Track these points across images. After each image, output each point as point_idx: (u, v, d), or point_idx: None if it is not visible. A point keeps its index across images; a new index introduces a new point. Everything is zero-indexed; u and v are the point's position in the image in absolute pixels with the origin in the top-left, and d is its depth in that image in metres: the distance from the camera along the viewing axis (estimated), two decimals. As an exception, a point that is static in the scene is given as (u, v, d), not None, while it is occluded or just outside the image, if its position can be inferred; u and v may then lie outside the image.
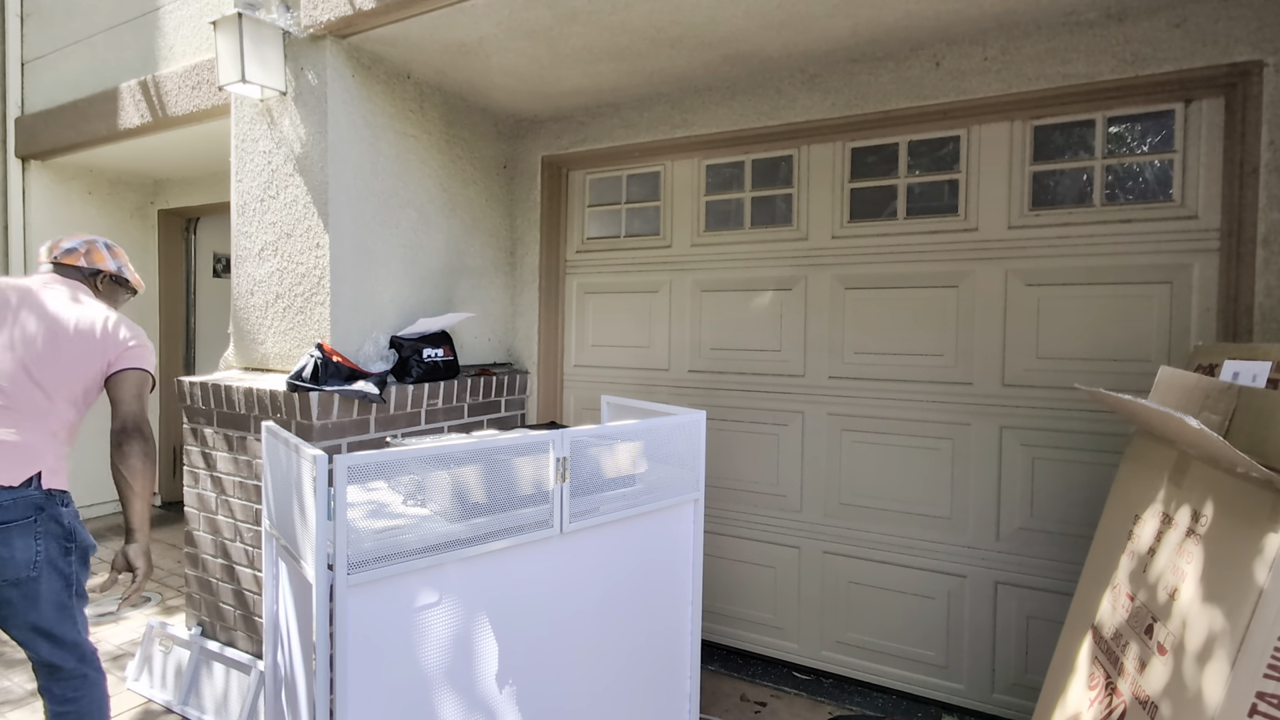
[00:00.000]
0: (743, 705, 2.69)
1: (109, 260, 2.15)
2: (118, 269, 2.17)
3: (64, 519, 1.87)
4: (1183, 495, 1.57)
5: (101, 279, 2.13)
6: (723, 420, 3.07)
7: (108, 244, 2.18)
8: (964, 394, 2.61)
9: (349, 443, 2.52)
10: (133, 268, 2.28)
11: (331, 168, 2.61)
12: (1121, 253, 2.37)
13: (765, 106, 2.84)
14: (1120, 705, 1.50)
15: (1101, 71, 2.27)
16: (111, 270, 2.15)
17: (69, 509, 1.90)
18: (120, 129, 3.70)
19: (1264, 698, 1.18)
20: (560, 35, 2.49)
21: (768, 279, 2.99)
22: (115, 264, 2.17)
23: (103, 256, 2.14)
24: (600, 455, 1.98)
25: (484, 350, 3.39)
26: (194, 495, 2.79)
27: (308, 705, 1.60)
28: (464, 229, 3.24)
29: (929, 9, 2.25)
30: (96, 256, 2.12)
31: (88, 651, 1.95)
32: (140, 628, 3.27)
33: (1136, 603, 1.58)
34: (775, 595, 2.99)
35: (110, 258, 2.16)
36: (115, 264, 2.17)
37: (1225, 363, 1.74)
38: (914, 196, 2.71)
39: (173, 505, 5.20)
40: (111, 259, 2.16)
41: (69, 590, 1.89)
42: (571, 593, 1.89)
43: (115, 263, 2.17)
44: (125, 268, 2.21)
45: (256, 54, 2.58)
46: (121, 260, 2.21)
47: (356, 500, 1.77)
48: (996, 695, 2.58)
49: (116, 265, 2.17)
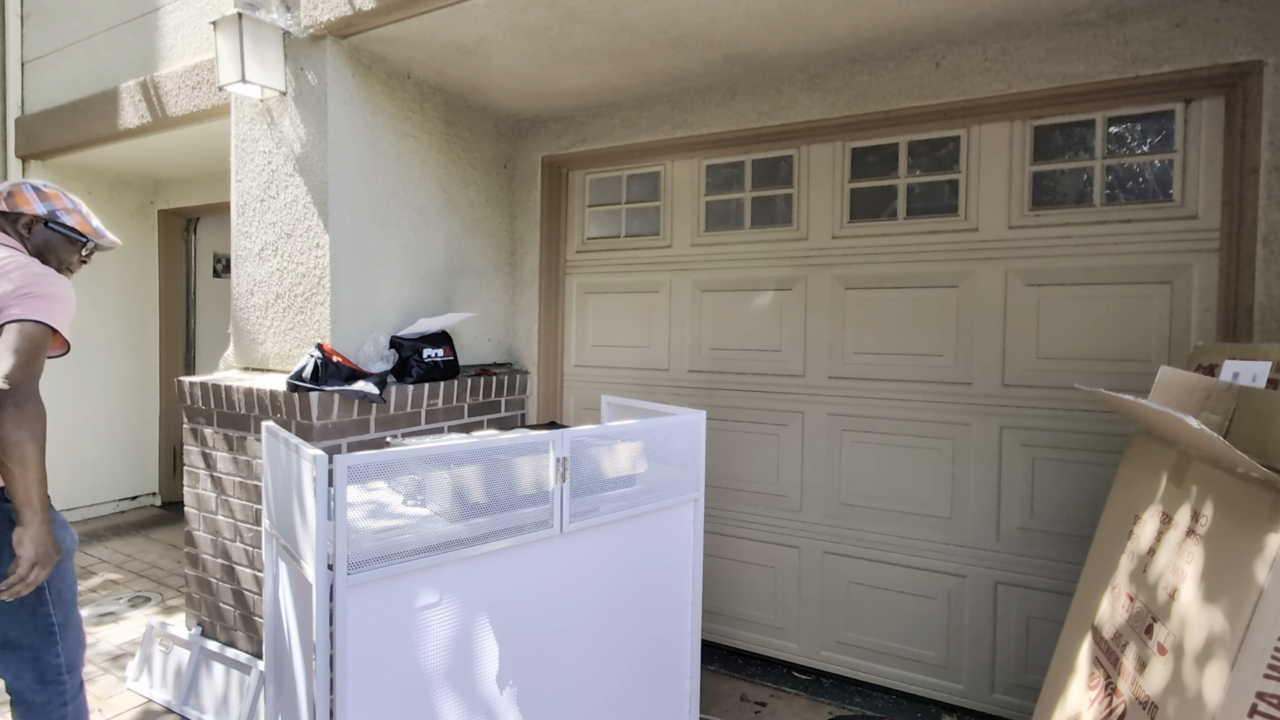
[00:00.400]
0: (743, 705, 2.69)
1: (37, 204, 1.83)
2: (49, 212, 1.83)
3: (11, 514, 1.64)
4: (1183, 495, 1.56)
5: (24, 223, 1.82)
6: (723, 420, 3.07)
7: (36, 186, 1.86)
8: (964, 394, 2.61)
9: (349, 443, 2.52)
10: (90, 216, 1.96)
11: (331, 168, 2.61)
12: (1121, 253, 2.37)
13: (765, 106, 2.84)
14: (1120, 705, 1.50)
15: (1101, 71, 2.27)
16: (39, 214, 1.82)
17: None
18: (120, 129, 3.70)
19: (1264, 698, 1.18)
20: (560, 35, 2.49)
21: (768, 279, 2.99)
22: (46, 207, 1.83)
23: (27, 199, 1.83)
24: (600, 455, 1.98)
25: (484, 350, 3.39)
26: (194, 495, 2.79)
27: (308, 705, 1.60)
28: (464, 229, 3.24)
29: (929, 9, 2.25)
30: (19, 199, 1.82)
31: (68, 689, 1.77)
32: (140, 628, 3.27)
33: (1136, 603, 1.58)
34: (775, 595, 2.99)
35: (38, 200, 1.84)
36: (46, 207, 1.83)
37: (1225, 363, 1.74)
38: (914, 196, 2.71)
39: (173, 505, 5.20)
40: (40, 202, 1.84)
41: (39, 596, 1.71)
42: (571, 593, 1.89)
43: (46, 205, 1.83)
44: (63, 212, 1.87)
45: (256, 54, 2.58)
46: (57, 204, 1.87)
47: (356, 500, 1.77)
48: (996, 695, 2.58)
49: (48, 208, 1.83)
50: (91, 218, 1.96)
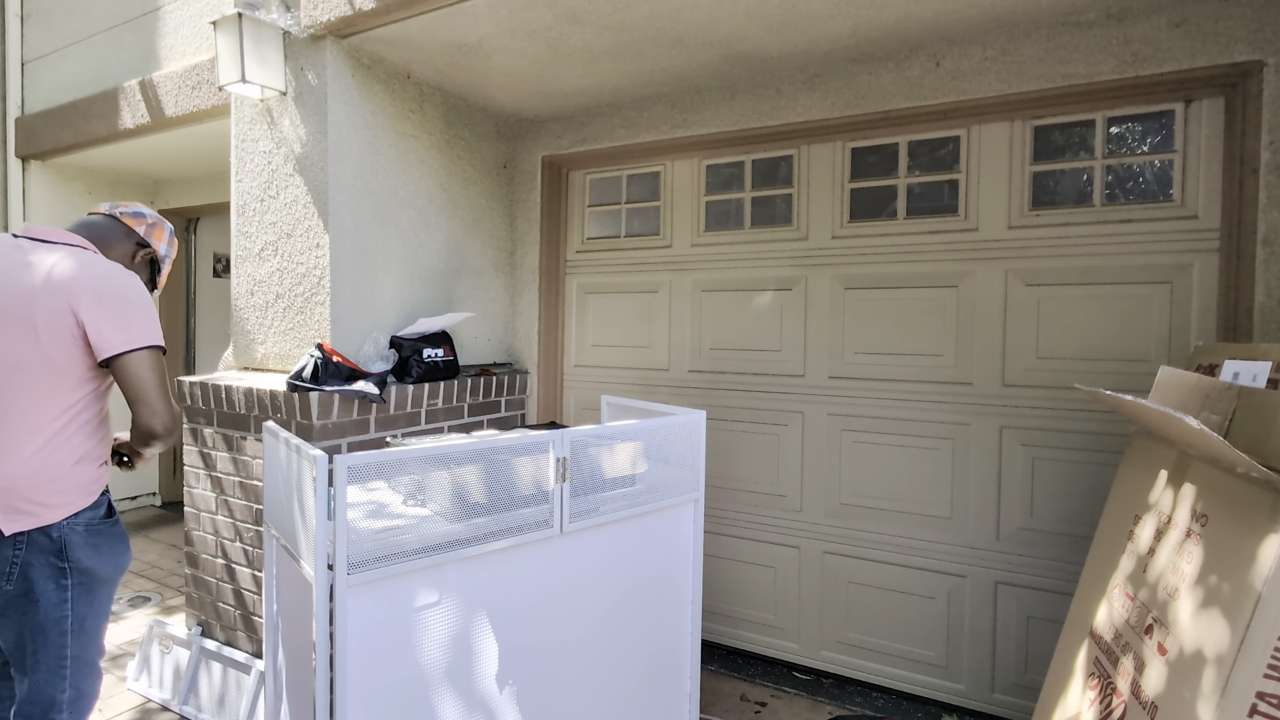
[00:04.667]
0: (743, 705, 2.69)
1: (163, 247, 1.93)
2: (163, 256, 1.95)
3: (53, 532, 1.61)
4: (1183, 495, 1.56)
5: (143, 256, 1.90)
6: (723, 420, 3.07)
7: (172, 230, 1.99)
8: (964, 394, 2.61)
9: (349, 443, 2.52)
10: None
11: (331, 168, 2.61)
12: (1121, 253, 2.37)
13: (765, 106, 2.84)
14: (1120, 705, 1.50)
15: (1101, 71, 2.27)
16: (158, 254, 1.92)
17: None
18: (120, 129, 3.70)
19: (1264, 698, 1.18)
20: (560, 35, 2.49)
21: (768, 279, 2.99)
22: (164, 250, 1.94)
23: (162, 236, 1.92)
24: (600, 455, 1.98)
25: (484, 350, 3.39)
26: (194, 495, 2.79)
27: (308, 705, 1.60)
28: (464, 229, 3.24)
29: (929, 9, 2.25)
30: (156, 234, 1.91)
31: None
32: (140, 627, 3.27)
33: (1136, 603, 1.58)
34: (775, 595, 2.99)
35: (168, 245, 1.95)
36: (164, 250, 1.94)
37: (1225, 363, 1.74)
38: (914, 196, 2.71)
39: (173, 505, 5.20)
40: (167, 246, 1.95)
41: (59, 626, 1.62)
42: (571, 593, 1.89)
43: (165, 249, 1.95)
44: (167, 260, 1.98)
45: (256, 54, 2.58)
46: (172, 252, 1.99)
47: (356, 500, 1.77)
48: (996, 695, 2.58)
49: (165, 252, 1.95)
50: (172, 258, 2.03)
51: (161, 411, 1.64)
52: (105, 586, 1.70)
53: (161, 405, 1.63)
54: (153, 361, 1.64)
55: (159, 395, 1.63)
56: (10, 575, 1.56)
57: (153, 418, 1.63)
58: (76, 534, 1.62)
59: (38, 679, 1.62)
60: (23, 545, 1.57)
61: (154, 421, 1.63)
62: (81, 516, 1.64)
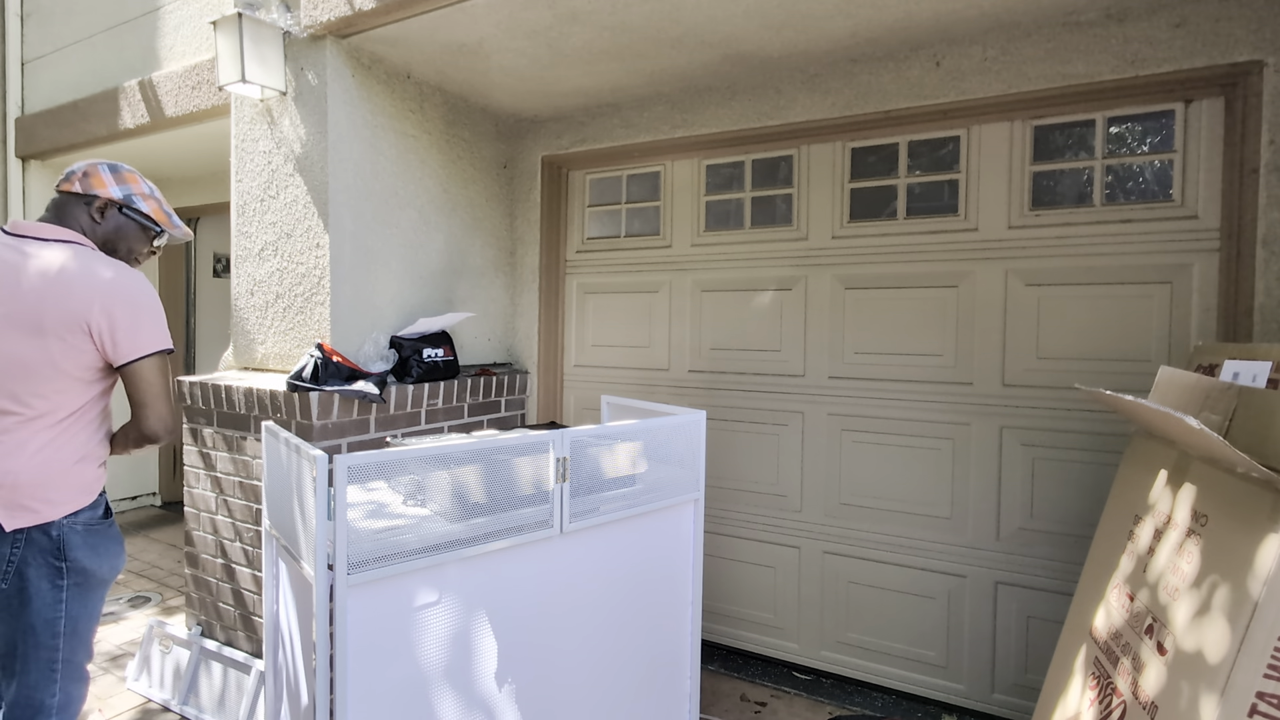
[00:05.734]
0: (743, 705, 2.69)
1: (113, 186, 1.72)
2: (125, 196, 1.73)
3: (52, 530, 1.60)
4: (1182, 495, 1.56)
5: (99, 207, 1.70)
6: (723, 420, 3.07)
7: (113, 166, 1.74)
8: (964, 394, 2.61)
9: (349, 443, 2.52)
10: (164, 202, 1.82)
11: (331, 168, 2.61)
12: (1121, 253, 2.37)
13: (765, 106, 2.84)
14: (1120, 705, 1.50)
15: (1101, 71, 2.27)
16: (114, 198, 1.71)
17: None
18: (120, 129, 3.70)
19: (1264, 698, 1.18)
20: (560, 35, 2.49)
21: (768, 279, 2.99)
22: (122, 190, 1.72)
23: (103, 181, 1.71)
24: (600, 455, 1.98)
25: (484, 350, 3.39)
26: (193, 495, 2.79)
27: (308, 705, 1.60)
28: (464, 229, 3.24)
29: (929, 9, 2.25)
30: (95, 181, 1.71)
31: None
32: (140, 627, 3.27)
33: (1136, 603, 1.58)
34: (775, 595, 2.99)
35: (115, 183, 1.72)
36: (122, 190, 1.72)
37: (1225, 363, 1.74)
38: (914, 196, 2.71)
39: (173, 505, 5.20)
40: (117, 184, 1.72)
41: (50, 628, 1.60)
42: (571, 593, 1.89)
43: (122, 189, 1.73)
44: (140, 198, 1.75)
45: (256, 54, 2.58)
46: (134, 188, 1.74)
47: (356, 500, 1.77)
48: (996, 695, 2.58)
49: (124, 192, 1.72)
50: (165, 204, 1.83)
51: (166, 415, 1.66)
52: (100, 588, 1.70)
53: (166, 409, 1.66)
54: (160, 366, 1.66)
55: (164, 400, 1.66)
56: (6, 573, 1.56)
57: (157, 422, 1.65)
58: (75, 533, 1.62)
59: (27, 681, 1.60)
60: (21, 543, 1.56)
61: (158, 425, 1.66)
62: (81, 516, 1.63)
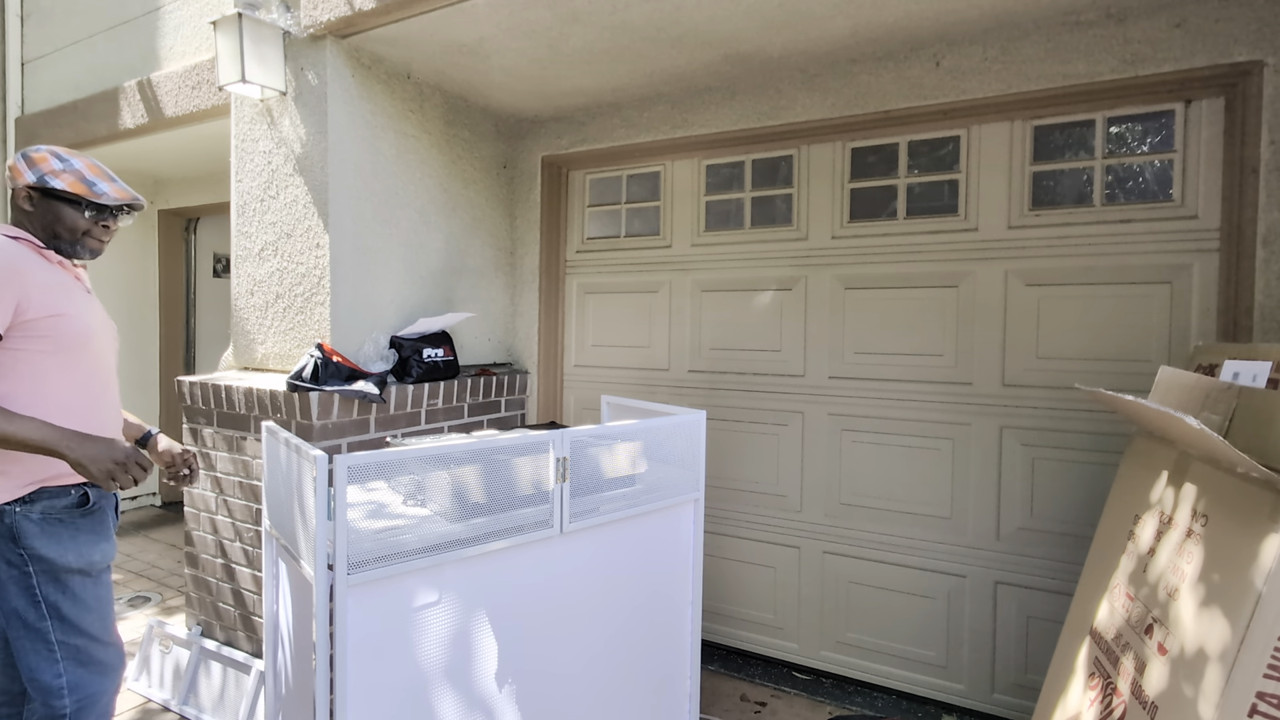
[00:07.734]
0: (743, 705, 2.69)
1: (26, 172, 1.65)
2: (38, 178, 1.64)
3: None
4: (1183, 495, 1.56)
5: (23, 197, 1.66)
6: (723, 420, 3.07)
7: (26, 153, 1.68)
8: (964, 394, 2.61)
9: (349, 443, 2.52)
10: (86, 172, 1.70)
11: (331, 168, 2.61)
12: (1121, 253, 2.37)
13: (765, 106, 2.84)
14: (1120, 705, 1.50)
15: (1101, 71, 2.27)
16: (28, 181, 1.64)
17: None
18: (120, 129, 3.70)
19: (1264, 698, 1.18)
20: (560, 35, 2.49)
21: (768, 279, 2.99)
22: (34, 173, 1.64)
23: (19, 170, 1.66)
24: (600, 455, 1.98)
25: (484, 350, 3.39)
26: (193, 495, 2.79)
27: (308, 705, 1.60)
28: (464, 229, 3.24)
29: (929, 9, 2.25)
30: (14, 172, 1.66)
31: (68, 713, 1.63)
32: (140, 627, 3.27)
33: (1136, 603, 1.58)
34: (775, 595, 2.99)
35: (28, 167, 1.65)
36: (34, 173, 1.64)
37: (1225, 363, 1.74)
38: (914, 196, 2.71)
39: (173, 505, 5.20)
40: (29, 169, 1.65)
41: (37, 611, 1.60)
42: (571, 593, 1.89)
43: (34, 171, 1.64)
44: (50, 175, 1.65)
45: (256, 54, 2.58)
46: (44, 167, 1.65)
47: (356, 500, 1.77)
48: (996, 695, 2.58)
49: (35, 174, 1.64)
50: (88, 174, 1.70)
51: None
52: (76, 576, 1.64)
53: None
54: None
55: None
56: None
57: None
58: (30, 521, 1.58)
59: (27, 663, 1.63)
60: None
61: None
62: (38, 505, 1.59)
